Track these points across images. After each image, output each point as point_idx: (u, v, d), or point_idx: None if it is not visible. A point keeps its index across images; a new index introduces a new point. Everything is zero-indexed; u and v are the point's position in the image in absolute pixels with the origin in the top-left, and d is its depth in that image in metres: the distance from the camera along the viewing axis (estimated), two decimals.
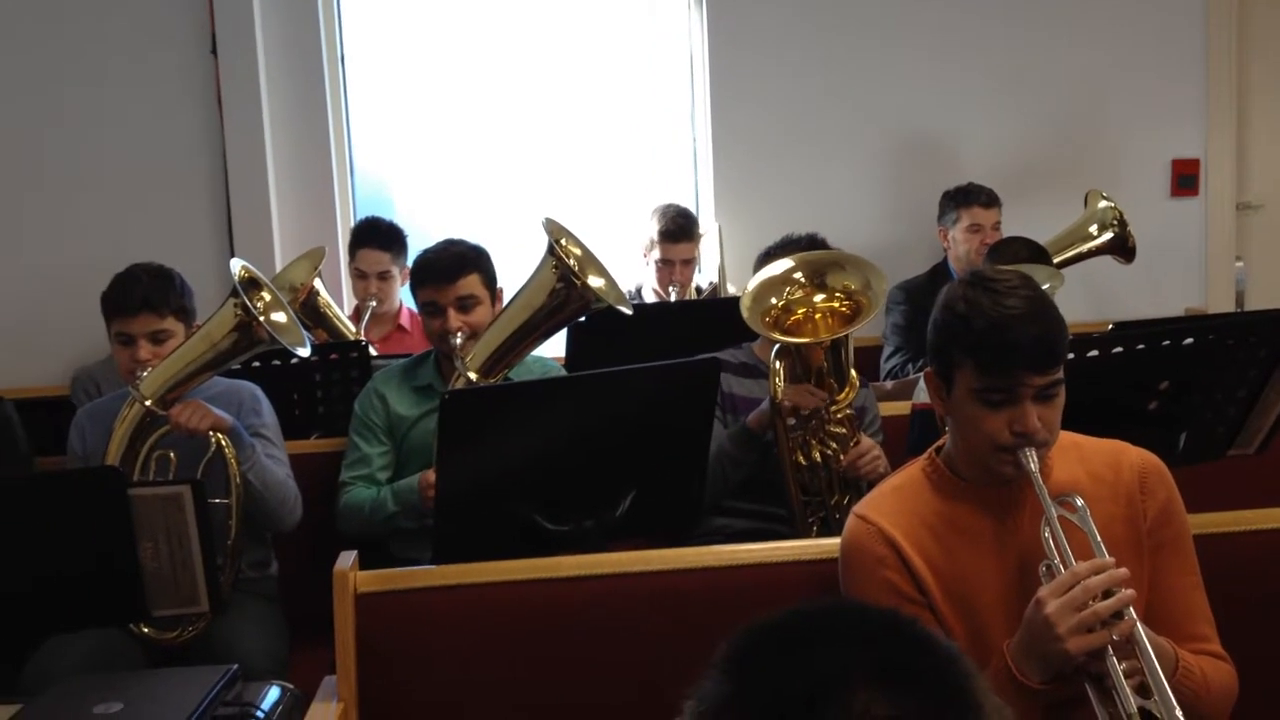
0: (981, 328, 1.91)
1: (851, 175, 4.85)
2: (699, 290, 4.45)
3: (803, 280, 2.97)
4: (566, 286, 2.92)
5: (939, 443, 2.13)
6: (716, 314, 3.71)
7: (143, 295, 2.95)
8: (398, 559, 3.05)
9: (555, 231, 2.95)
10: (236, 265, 2.92)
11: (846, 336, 2.93)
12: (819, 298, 2.96)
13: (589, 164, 4.96)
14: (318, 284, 4.22)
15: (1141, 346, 2.63)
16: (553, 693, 2.29)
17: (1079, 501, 1.95)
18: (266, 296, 2.91)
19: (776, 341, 2.89)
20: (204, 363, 2.87)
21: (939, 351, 1.99)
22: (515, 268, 3.55)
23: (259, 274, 2.97)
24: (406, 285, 4.25)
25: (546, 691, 2.29)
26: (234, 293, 2.83)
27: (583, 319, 3.33)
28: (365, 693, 2.25)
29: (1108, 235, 4.36)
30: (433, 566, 2.56)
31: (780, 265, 3.00)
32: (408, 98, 4.90)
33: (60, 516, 2.42)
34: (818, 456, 2.93)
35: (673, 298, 4.28)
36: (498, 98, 4.91)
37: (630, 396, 2.64)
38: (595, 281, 2.95)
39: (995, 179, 4.61)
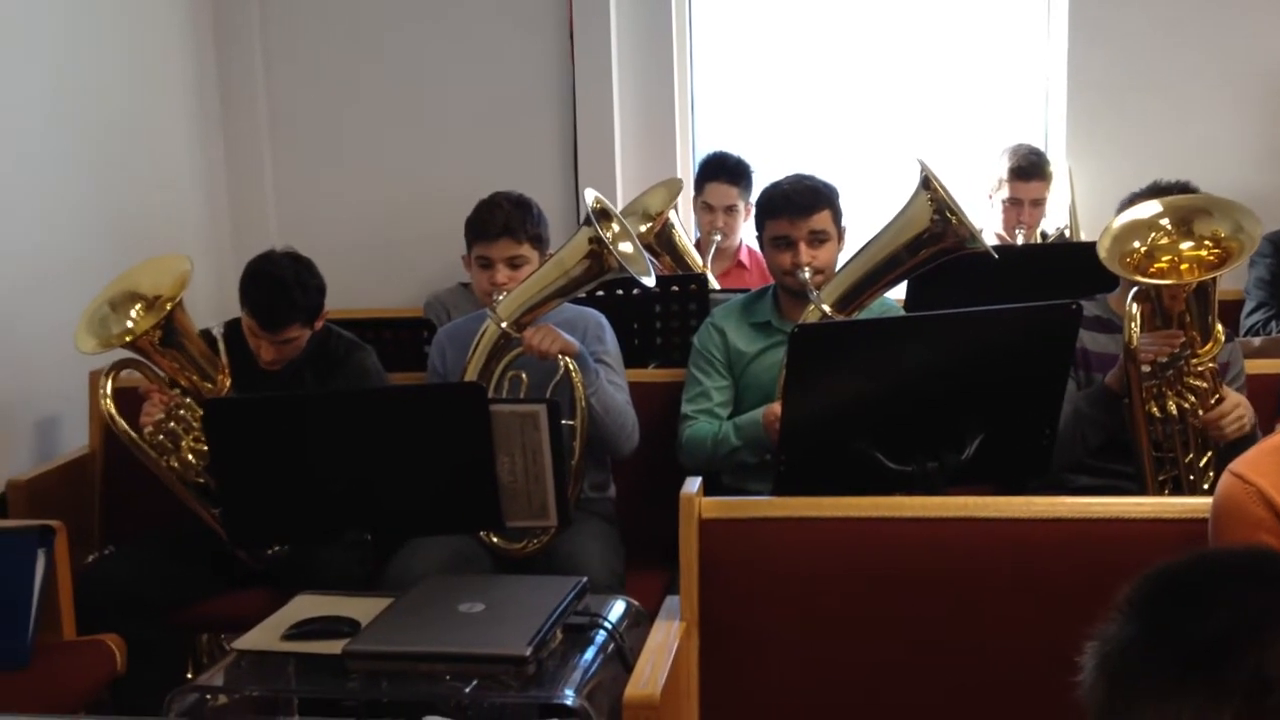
0: None
1: (1217, 118, 4.50)
2: (1044, 236, 4.27)
3: (1168, 226, 2.79)
4: (943, 221, 2.81)
5: None
6: (1065, 259, 3.56)
7: (504, 222, 3.09)
8: (728, 490, 3.09)
9: (927, 169, 2.87)
10: (590, 195, 3.00)
11: (1213, 283, 2.74)
12: (1185, 245, 2.77)
13: (932, 106, 4.82)
14: (672, 215, 4.25)
15: None
16: (888, 629, 2.27)
17: None
18: (616, 227, 2.98)
19: (1138, 283, 2.74)
20: (556, 289, 2.97)
21: None
22: (858, 207, 3.50)
23: (609, 205, 3.04)
24: (747, 222, 4.29)
25: (883, 627, 2.28)
26: (587, 221, 2.91)
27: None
28: (705, 614, 2.29)
29: None
30: (775, 498, 2.59)
31: (1146, 209, 2.83)
32: (751, 34, 4.89)
33: (428, 427, 2.56)
34: (1173, 409, 2.76)
35: (1019, 241, 4.13)
36: (840, 35, 4.83)
37: (983, 338, 2.57)
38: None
39: None
